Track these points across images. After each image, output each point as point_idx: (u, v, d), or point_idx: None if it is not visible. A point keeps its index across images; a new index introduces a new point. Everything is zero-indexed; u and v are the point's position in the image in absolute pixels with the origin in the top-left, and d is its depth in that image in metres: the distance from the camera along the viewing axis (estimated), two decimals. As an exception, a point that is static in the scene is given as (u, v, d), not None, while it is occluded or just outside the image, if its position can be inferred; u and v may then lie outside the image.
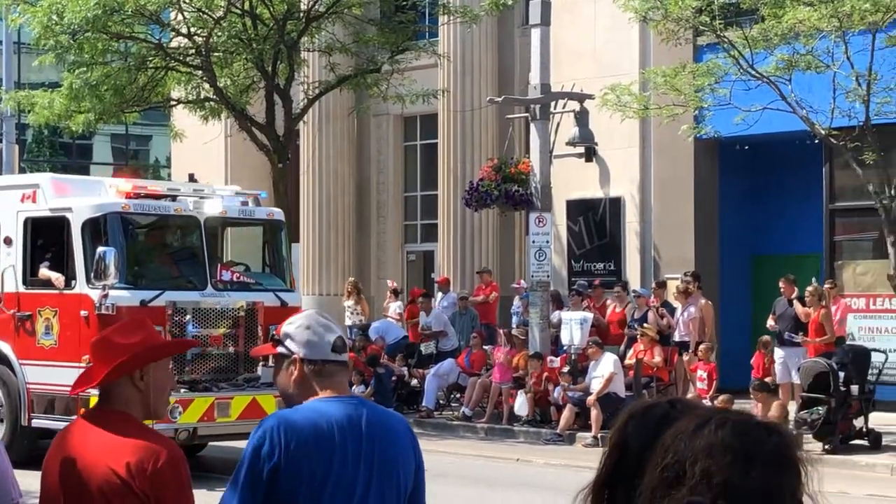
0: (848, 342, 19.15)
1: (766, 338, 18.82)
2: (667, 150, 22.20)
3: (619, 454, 2.29)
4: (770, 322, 18.69)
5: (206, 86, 22.73)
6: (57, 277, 14.86)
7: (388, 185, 28.66)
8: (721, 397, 17.47)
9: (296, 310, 15.78)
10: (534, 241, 20.79)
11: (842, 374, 17.02)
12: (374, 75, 22.96)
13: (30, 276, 15.32)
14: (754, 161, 22.42)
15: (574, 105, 21.60)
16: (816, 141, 18.31)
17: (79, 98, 22.10)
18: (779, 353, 18.57)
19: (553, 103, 21.42)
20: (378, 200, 28.77)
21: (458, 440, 18.88)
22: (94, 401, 15.67)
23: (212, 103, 23.43)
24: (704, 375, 18.58)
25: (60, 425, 14.21)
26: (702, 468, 2.06)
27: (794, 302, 18.53)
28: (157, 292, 14.67)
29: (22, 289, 15.33)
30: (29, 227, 15.37)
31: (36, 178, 16.95)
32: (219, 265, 15.58)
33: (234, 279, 15.61)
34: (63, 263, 14.95)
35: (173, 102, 24.15)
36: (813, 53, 17.01)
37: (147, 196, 15.34)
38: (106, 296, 14.23)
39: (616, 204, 23.16)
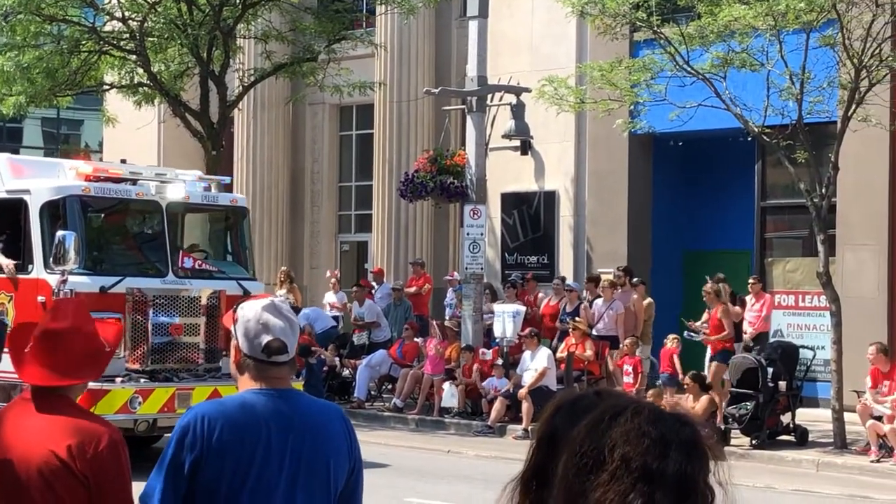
0: (776, 339, 19.35)
1: (673, 335, 19.03)
2: (602, 145, 22.29)
3: (547, 446, 2.27)
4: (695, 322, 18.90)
5: (140, 71, 22.51)
6: (7, 264, 14.39)
7: (323, 174, 28.55)
8: (651, 391, 17.60)
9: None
10: (468, 234, 20.79)
11: (770, 371, 17.20)
12: (311, 64, 22.85)
13: None
14: (688, 157, 22.56)
15: (510, 98, 21.63)
16: (749, 138, 18.46)
17: (10, 81, 21.80)
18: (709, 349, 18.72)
19: (489, 96, 21.44)
20: (312, 190, 28.65)
21: (389, 431, 18.86)
22: None
23: (145, 88, 23.20)
24: (630, 369, 18.69)
25: None
26: (621, 454, 2.13)
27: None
28: (118, 278, 14.27)
29: None
30: None
31: None
32: (180, 252, 15.12)
33: (196, 266, 15.19)
34: (18, 248, 14.47)
35: (106, 87, 23.90)
36: (748, 52, 17.13)
37: (107, 179, 14.89)
38: (65, 281, 13.75)
39: (550, 197, 23.22)
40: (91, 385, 13.02)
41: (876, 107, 16.97)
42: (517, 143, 22.49)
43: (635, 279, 20.22)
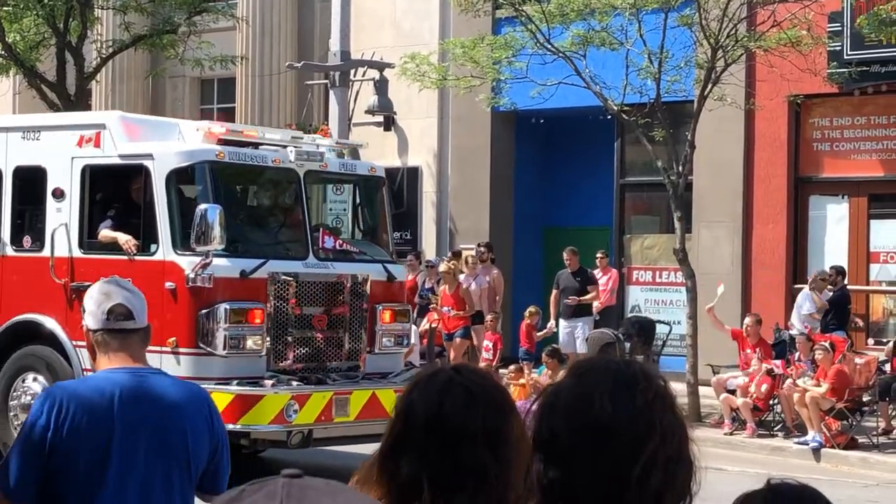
0: (634, 314, 19.70)
1: (532, 308, 19.25)
2: (464, 121, 22.39)
3: (405, 422, 2.30)
4: (552, 301, 19.09)
5: (-6, 41, 21.91)
6: (127, 240, 12.00)
7: (184, 148, 28.13)
8: (511, 367, 17.74)
9: (402, 286, 13.85)
10: (331, 209, 20.71)
11: (628, 345, 17.49)
12: (171, 36, 22.48)
13: (87, 238, 12.40)
14: (550, 134, 22.79)
15: (374, 73, 21.58)
16: (609, 116, 18.71)
17: None
18: (564, 324, 18.93)
19: (353, 71, 21.36)
20: (173, 164, 28.22)
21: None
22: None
23: (0, 59, 22.61)
24: (490, 345, 18.84)
25: None
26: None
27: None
28: (260, 261, 11.93)
29: (78, 253, 12.40)
30: (87, 178, 12.44)
31: (101, 117, 13.84)
32: (321, 230, 13.03)
33: (338, 247, 13.02)
34: (133, 223, 12.12)
35: (-42, 57, 23.22)
36: (607, 30, 17.34)
37: (241, 143, 12.54)
38: (207, 265, 11.56)
39: (413, 173, 23.26)
40: (239, 390, 11.35)
41: (731, 86, 17.34)
42: (380, 118, 22.46)
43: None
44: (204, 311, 11.67)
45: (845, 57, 18.42)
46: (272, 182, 13.31)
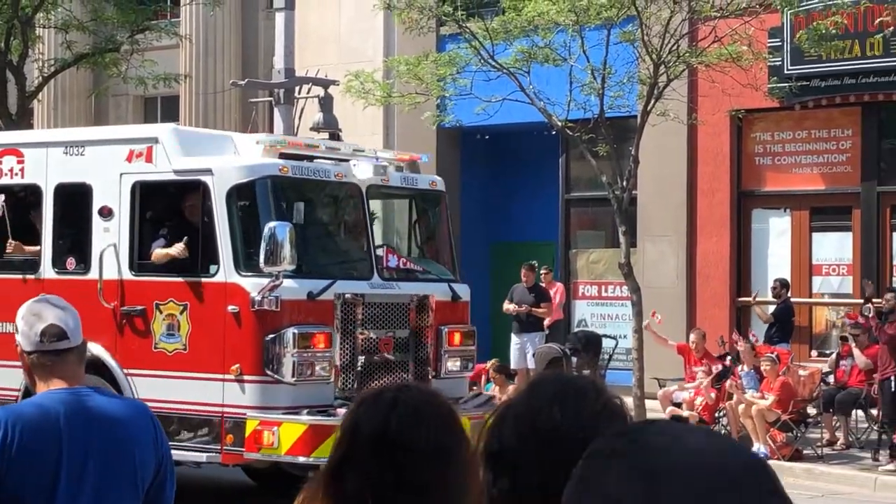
0: (580, 328, 19.77)
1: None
2: (410, 138, 22.40)
3: (350, 439, 2.30)
4: (507, 306, 19.07)
5: (-67, 60, 21.69)
6: (181, 250, 11.34)
7: (127, 167, 27.96)
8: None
9: (467, 305, 13.08)
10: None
11: (574, 360, 17.55)
12: (113, 55, 22.37)
13: (139, 259, 11.69)
14: (495, 150, 22.85)
15: (318, 91, 21.55)
16: (553, 132, 18.79)
17: None
18: (515, 339, 18.98)
19: (297, 88, 21.32)
20: (116, 183, 28.04)
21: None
22: (251, 424, 11.55)
23: (-61, 78, 22.38)
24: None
25: (194, 456, 11.40)
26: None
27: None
28: (328, 282, 11.36)
29: (129, 275, 11.69)
30: (137, 195, 11.70)
31: (153, 130, 12.77)
32: (385, 247, 12.55)
33: (402, 266, 12.53)
34: (189, 242, 11.44)
35: None
36: (551, 47, 17.43)
37: (300, 157, 11.89)
38: (276, 286, 10.90)
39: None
40: (312, 420, 10.66)
41: (674, 101, 17.48)
42: (326, 136, 22.40)
43: None
44: (270, 335, 11.00)
45: (786, 72, 18.63)
46: (334, 197, 12.67)
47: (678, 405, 16.56)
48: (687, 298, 19.92)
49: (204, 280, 11.26)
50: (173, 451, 11.69)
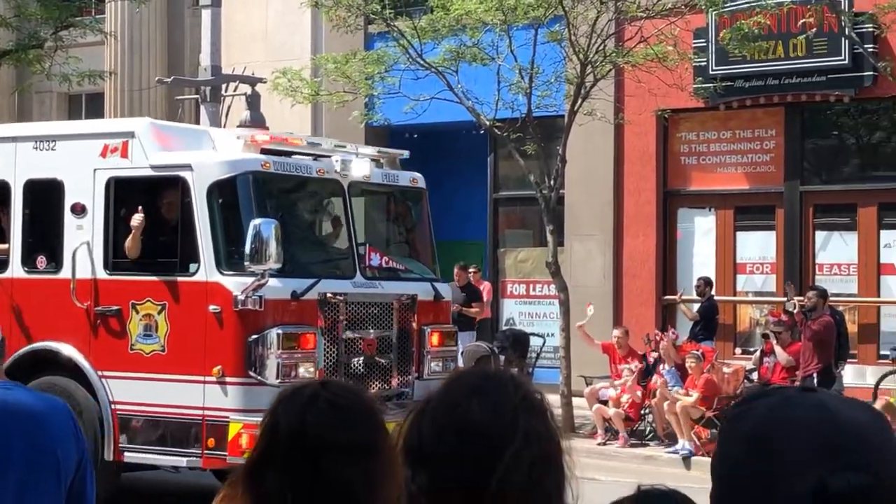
0: (508, 327, 19.83)
1: None
2: (338, 136, 22.17)
3: (270, 437, 2.29)
4: None
5: None
6: (139, 221, 10.96)
7: (52, 165, 27.64)
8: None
9: (448, 305, 12.89)
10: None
11: (502, 358, 17.60)
12: (37, 51, 22.08)
13: (113, 258, 11.29)
14: (424, 149, 22.77)
15: (245, 88, 21.42)
16: (482, 131, 18.84)
17: None
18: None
19: (224, 86, 21.19)
20: (40, 181, 27.70)
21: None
22: (234, 427, 10.97)
23: None
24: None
25: (173, 460, 11.02)
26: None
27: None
28: (311, 281, 11.09)
29: (103, 274, 11.34)
30: (112, 191, 11.36)
31: (128, 124, 12.22)
32: (368, 246, 12.18)
33: (385, 264, 12.24)
34: (165, 241, 11.13)
35: None
36: (479, 46, 17.47)
37: (285, 152, 11.62)
38: (261, 285, 10.58)
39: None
40: None
41: (601, 101, 17.59)
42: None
43: None
44: (254, 336, 10.71)
45: (711, 72, 18.82)
46: (315, 194, 12.47)
47: (605, 402, 16.66)
48: (614, 297, 20.06)
49: (183, 279, 10.96)
50: (150, 455, 10.98)
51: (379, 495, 2.23)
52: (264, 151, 11.38)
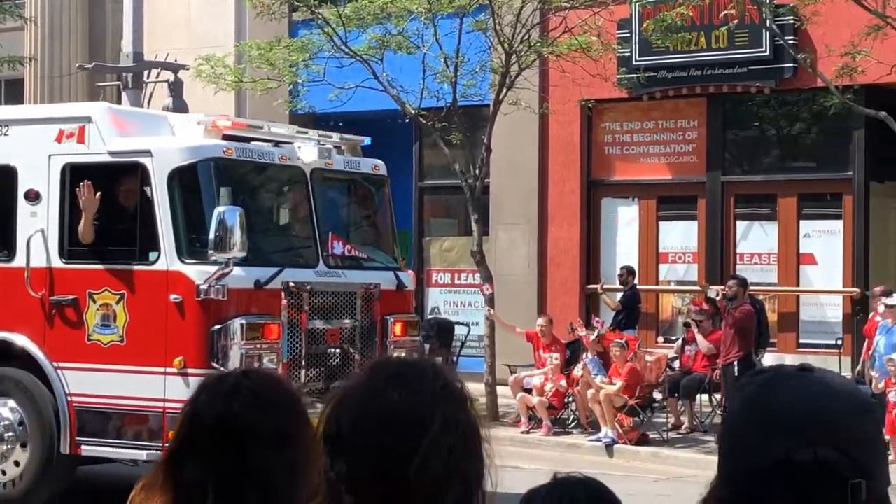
0: (433, 316, 19.86)
1: None
2: (262, 125, 22.20)
3: (190, 426, 2.27)
4: None
5: None
6: (87, 199, 10.68)
7: (-30, 151, 27.19)
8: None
9: (411, 295, 12.76)
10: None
11: (427, 346, 17.61)
12: (-46, 35, 21.73)
13: (69, 246, 10.96)
14: (347, 138, 22.77)
15: (168, 75, 21.23)
16: (407, 120, 18.82)
17: None
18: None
19: (146, 72, 20.97)
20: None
21: None
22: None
23: None
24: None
25: (132, 454, 10.71)
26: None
27: None
28: (275, 270, 10.86)
29: (59, 263, 10.99)
30: (68, 177, 10.97)
31: (85, 109, 11.84)
32: (330, 233, 11.81)
33: (347, 253, 11.98)
34: (124, 228, 10.80)
35: None
36: (404, 34, 17.45)
37: (241, 139, 11.34)
38: (224, 275, 10.34)
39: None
40: None
41: (526, 91, 17.64)
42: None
43: None
44: (216, 326, 10.47)
45: (634, 63, 18.95)
46: (278, 181, 12.20)
47: (528, 391, 16.74)
48: (538, 286, 20.15)
49: (142, 268, 10.65)
50: (108, 449, 10.72)
51: (299, 483, 2.22)
52: (226, 137, 11.20)
